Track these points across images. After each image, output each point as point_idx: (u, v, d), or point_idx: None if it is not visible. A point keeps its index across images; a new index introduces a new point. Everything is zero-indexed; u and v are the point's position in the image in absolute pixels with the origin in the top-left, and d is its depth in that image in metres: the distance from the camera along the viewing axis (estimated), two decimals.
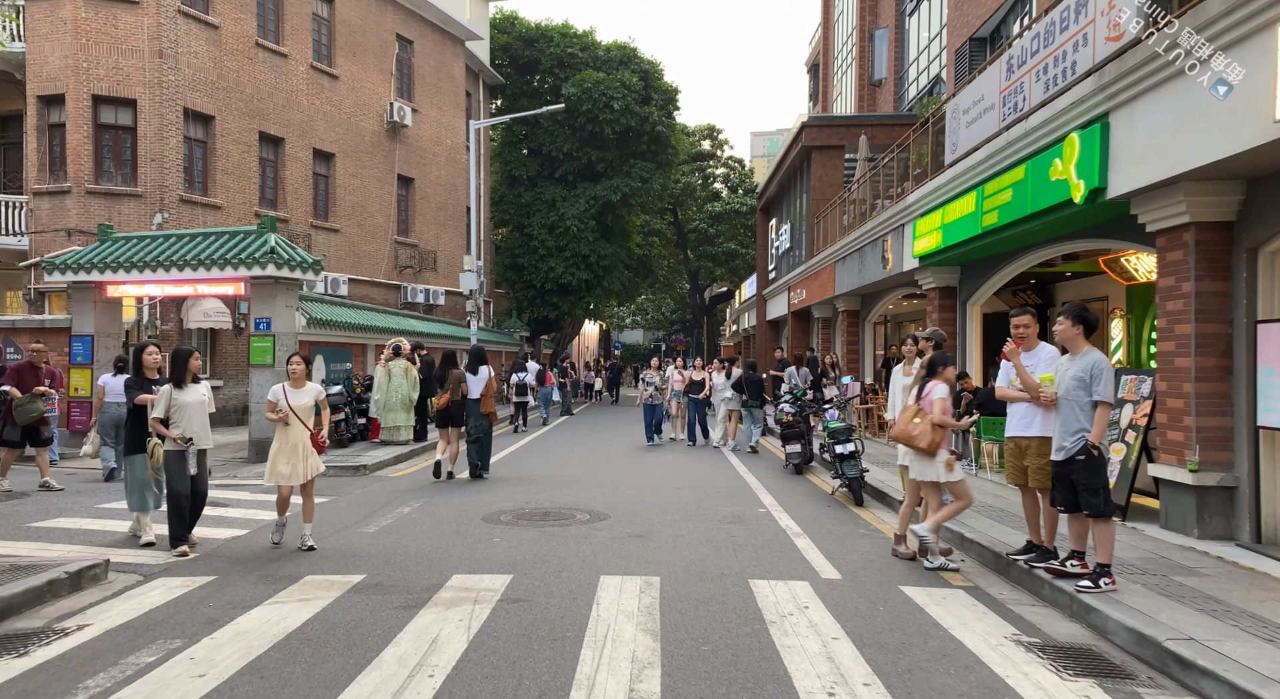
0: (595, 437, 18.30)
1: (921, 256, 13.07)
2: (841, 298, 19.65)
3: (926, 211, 12.78)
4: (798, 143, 23.66)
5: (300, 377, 7.49)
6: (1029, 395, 6.05)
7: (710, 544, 7.48)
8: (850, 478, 9.71)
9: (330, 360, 15.03)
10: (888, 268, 15.08)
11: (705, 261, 47.01)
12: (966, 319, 13.30)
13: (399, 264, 25.87)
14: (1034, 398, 5.99)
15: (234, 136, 20.02)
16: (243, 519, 8.55)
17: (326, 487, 10.79)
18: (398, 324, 18.67)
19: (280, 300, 13.05)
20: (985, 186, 10.32)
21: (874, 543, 7.70)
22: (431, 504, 9.51)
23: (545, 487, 10.97)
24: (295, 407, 7.32)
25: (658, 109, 32.90)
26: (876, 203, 17.27)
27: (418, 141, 26.95)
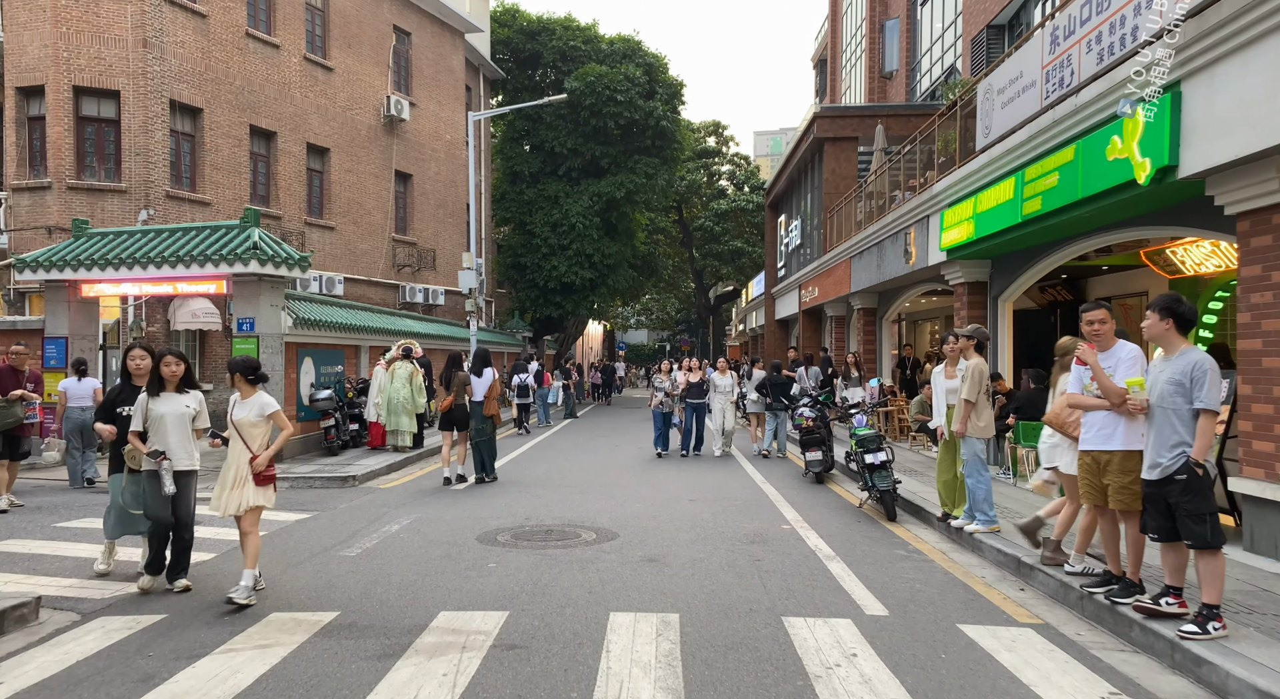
0: (601, 442, 17.46)
1: (950, 249, 12.20)
2: (858, 295, 18.78)
3: (955, 201, 11.91)
4: (809, 135, 22.79)
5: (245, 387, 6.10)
6: (1109, 402, 5.18)
7: (733, 570, 6.63)
8: (882, 490, 8.84)
9: (320, 363, 14.20)
10: (910, 262, 14.21)
11: (711, 260, 46.16)
12: (998, 316, 12.42)
13: (397, 263, 25.06)
14: (1117, 405, 5.12)
15: (223, 130, 19.21)
16: (212, 540, 7.71)
17: (310, 501, 9.95)
18: (393, 324, 17.84)
19: (264, 299, 12.23)
20: (1026, 171, 9.46)
21: (918, 568, 6.83)
22: (423, 521, 8.67)
23: (548, 498, 10.13)
24: (236, 421, 6.02)
25: (662, 103, 32.06)
26: (895, 195, 16.40)
27: (416, 136, 26.13)
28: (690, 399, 14.72)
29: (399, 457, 13.27)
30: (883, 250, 16.10)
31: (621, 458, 14.54)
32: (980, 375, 7.48)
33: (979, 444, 7.51)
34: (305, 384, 13.67)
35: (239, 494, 5.94)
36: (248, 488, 5.97)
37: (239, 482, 5.97)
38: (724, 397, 14.73)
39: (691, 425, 14.73)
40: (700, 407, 14.77)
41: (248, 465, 5.97)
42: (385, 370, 14.11)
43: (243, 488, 5.96)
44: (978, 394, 7.44)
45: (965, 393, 7.44)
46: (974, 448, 7.50)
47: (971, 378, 7.45)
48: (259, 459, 5.98)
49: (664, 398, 14.74)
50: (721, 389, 14.67)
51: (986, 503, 7.44)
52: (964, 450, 7.54)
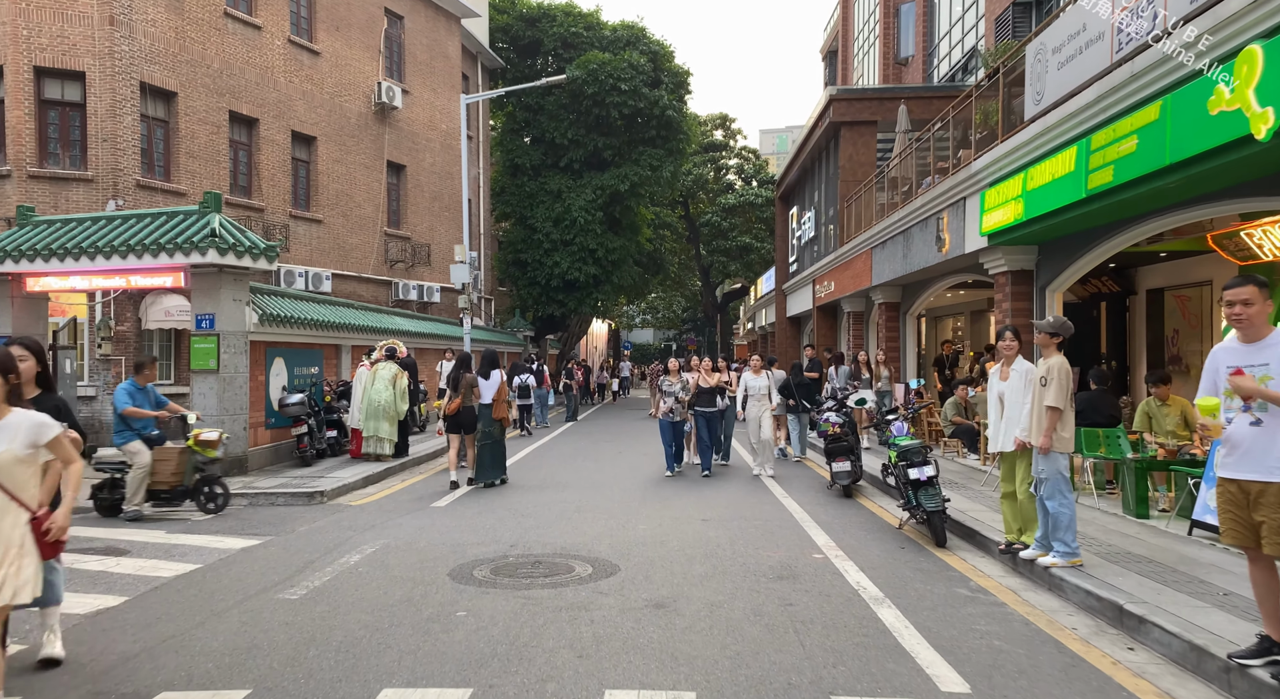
0: (604, 447, 16.16)
1: (992, 233, 10.87)
2: (879, 289, 17.45)
3: (999, 179, 10.58)
4: (824, 119, 21.46)
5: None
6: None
7: (761, 620, 5.33)
8: (929, 511, 7.53)
9: (294, 364, 12.94)
10: (944, 251, 12.87)
11: (718, 256, 44.84)
12: (1046, 309, 11.10)
13: (389, 258, 23.80)
14: None
15: (200, 116, 17.96)
16: (130, 580, 6.44)
17: (266, 522, 8.68)
18: (379, 322, 16.57)
19: (225, 293, 10.98)
20: (1093, 137, 8.13)
21: (990, 615, 5.52)
22: (390, 549, 7.38)
23: (540, 517, 8.84)
24: None
25: (668, 92, 30.75)
26: (924, 179, 15.06)
27: (409, 126, 24.87)
28: (701, 407, 12.24)
29: (378, 467, 11.99)
30: (909, 239, 14.77)
31: (624, 466, 13.24)
32: (1067, 377, 6.17)
33: (1062, 460, 6.20)
34: (276, 387, 12.41)
35: (8, 575, 3.63)
36: (26, 561, 3.68)
37: (9, 553, 3.66)
38: (759, 402, 12.16)
39: (707, 438, 12.30)
40: (713, 417, 12.32)
41: (23, 529, 3.71)
42: (369, 371, 12.84)
43: (19, 562, 3.66)
44: (1065, 400, 6.13)
45: (1051, 398, 6.13)
46: (1056, 464, 6.18)
47: (1057, 381, 6.14)
48: (52, 520, 3.83)
49: (674, 404, 12.14)
50: (757, 393, 12.17)
51: (1069, 531, 6.13)
52: (1042, 467, 6.22)
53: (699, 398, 12.20)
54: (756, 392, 12.15)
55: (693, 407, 12.28)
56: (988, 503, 9.01)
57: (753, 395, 12.14)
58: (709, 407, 12.26)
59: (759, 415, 12.08)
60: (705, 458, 12.33)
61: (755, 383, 12.24)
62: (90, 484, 9.01)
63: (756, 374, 12.29)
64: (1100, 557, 6.43)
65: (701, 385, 12.24)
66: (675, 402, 12.14)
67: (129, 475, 8.81)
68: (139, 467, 8.76)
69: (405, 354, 13.28)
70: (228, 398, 10.96)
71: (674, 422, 12.22)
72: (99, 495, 8.99)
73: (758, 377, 12.27)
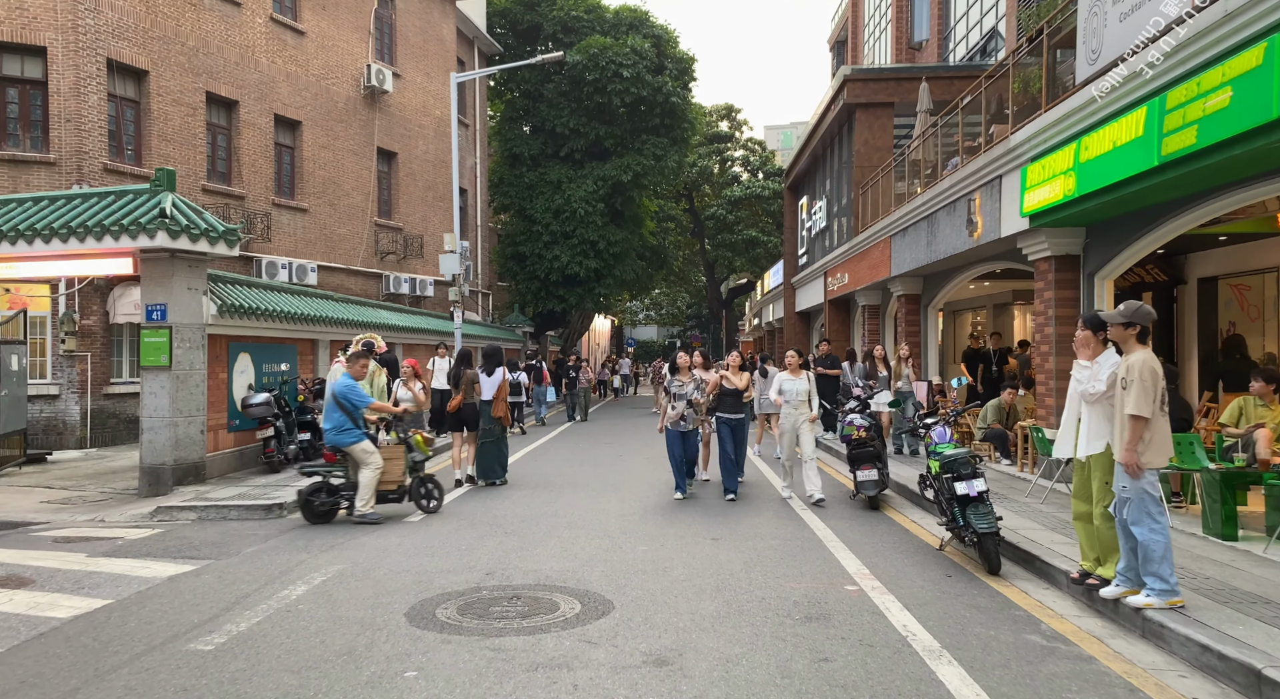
0: (603, 451, 15.01)
1: (1035, 214, 9.69)
2: (899, 280, 16.27)
3: (1044, 152, 9.41)
4: (838, 102, 20.27)
5: None
6: None
7: (790, 683, 4.18)
8: (981, 533, 6.36)
9: (263, 360, 11.82)
10: (975, 235, 11.70)
11: (723, 251, 43.68)
12: (1094, 298, 9.92)
13: (380, 250, 22.70)
14: None
15: (174, 96, 16.85)
16: (14, 622, 5.31)
17: (210, 541, 7.56)
18: (362, 315, 15.42)
19: (179, 281, 9.85)
20: (1168, 95, 6.96)
21: (1079, 675, 4.37)
22: (344, 578, 6.25)
23: (525, 534, 7.71)
24: None
25: (671, 79, 29.57)
26: (950, 161, 13.89)
27: (401, 111, 23.75)
28: (725, 413, 9.90)
29: None
30: (935, 224, 13.60)
31: (624, 471, 12.10)
32: (1153, 378, 5.02)
33: (1150, 476, 5.05)
34: (242, 386, 11.30)
35: None
36: None
37: None
38: (797, 409, 9.64)
39: (730, 452, 9.79)
40: (741, 424, 9.95)
41: None
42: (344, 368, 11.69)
43: None
44: (1153, 405, 4.97)
45: (1133, 405, 4.98)
46: (1143, 482, 5.03)
47: (1139, 383, 4.99)
48: None
49: (686, 411, 9.65)
50: (793, 398, 9.63)
51: (1164, 563, 4.97)
52: (1125, 486, 5.07)
53: (724, 402, 9.90)
54: (794, 396, 9.60)
55: (714, 412, 10.09)
56: (1040, 518, 7.86)
57: (789, 401, 9.63)
58: (735, 412, 9.90)
59: (796, 426, 9.63)
60: (730, 477, 9.85)
61: (792, 385, 9.65)
62: (293, 488, 8.99)
63: (794, 374, 9.75)
64: (1201, 594, 5.28)
65: (726, 386, 9.97)
66: (688, 407, 9.68)
67: (363, 477, 8.34)
68: (374, 467, 8.37)
69: (384, 349, 12.14)
70: (182, 398, 9.84)
71: (685, 432, 9.74)
72: (311, 501, 8.25)
73: (795, 378, 9.71)
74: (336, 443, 8.33)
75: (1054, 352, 10.22)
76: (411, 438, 8.86)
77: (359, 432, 8.40)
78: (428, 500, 8.82)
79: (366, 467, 8.33)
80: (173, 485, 9.63)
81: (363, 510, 8.29)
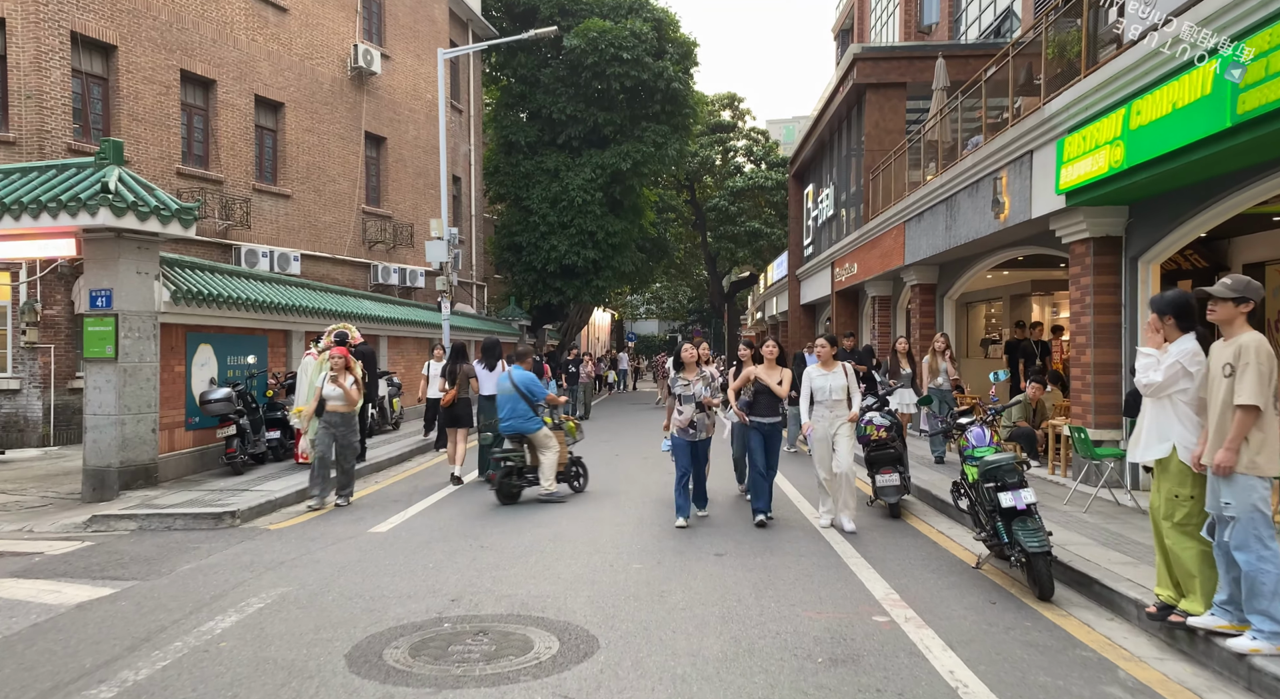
0: (598, 450, 14.07)
1: (1074, 190, 8.74)
2: (913, 268, 15.33)
3: (1087, 120, 8.45)
4: (847, 82, 19.30)
5: None
6: None
7: None
8: (1032, 553, 5.43)
9: (228, 352, 10.90)
10: (1002, 217, 10.75)
11: (725, 243, 42.65)
12: (1137, 284, 8.99)
13: (368, 239, 21.74)
14: None
15: (145, 74, 15.89)
16: None
17: (142, 557, 6.63)
18: (342, 305, 14.48)
19: (126, 263, 8.92)
20: (1245, 43, 6.00)
21: None
22: (284, 605, 5.33)
23: (503, 549, 6.79)
24: None
25: (673, 64, 28.55)
26: (971, 139, 12.94)
27: (390, 94, 22.77)
28: (759, 417, 7.94)
29: None
30: (955, 207, 12.65)
31: (620, 473, 11.17)
32: (1270, 362, 4.10)
33: (1261, 488, 4.12)
34: (203, 379, 10.37)
35: None
36: None
37: None
38: (833, 410, 7.67)
39: (762, 464, 7.80)
40: (775, 431, 8.03)
41: None
42: (315, 361, 10.78)
43: None
44: (1267, 396, 4.05)
45: (1248, 393, 4.06)
46: (1251, 495, 4.11)
47: (1254, 367, 4.09)
48: None
49: (696, 416, 7.78)
50: (826, 397, 7.67)
51: (1276, 598, 4.04)
52: (1230, 502, 4.14)
53: (758, 403, 7.95)
54: (827, 395, 7.65)
55: (749, 408, 7.99)
56: (1088, 530, 6.93)
57: (821, 400, 7.68)
58: (770, 415, 7.98)
59: (831, 433, 7.61)
60: (761, 495, 7.83)
61: (826, 381, 7.68)
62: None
63: (827, 368, 7.75)
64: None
65: (760, 382, 7.94)
66: (697, 410, 7.76)
67: (546, 459, 9.09)
68: (554, 450, 9.13)
69: (359, 341, 11.21)
70: (130, 393, 8.91)
71: (695, 441, 7.86)
72: (505, 483, 9.00)
73: (829, 371, 7.72)
74: (521, 430, 9.09)
75: (1091, 343, 9.27)
76: (565, 424, 9.78)
77: (539, 419, 9.16)
78: (577, 480, 9.65)
79: (549, 450, 9.12)
80: (120, 490, 8.71)
81: (550, 489, 9.01)
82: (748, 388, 8.09)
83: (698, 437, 7.88)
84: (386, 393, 15.61)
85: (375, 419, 15.03)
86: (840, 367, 7.81)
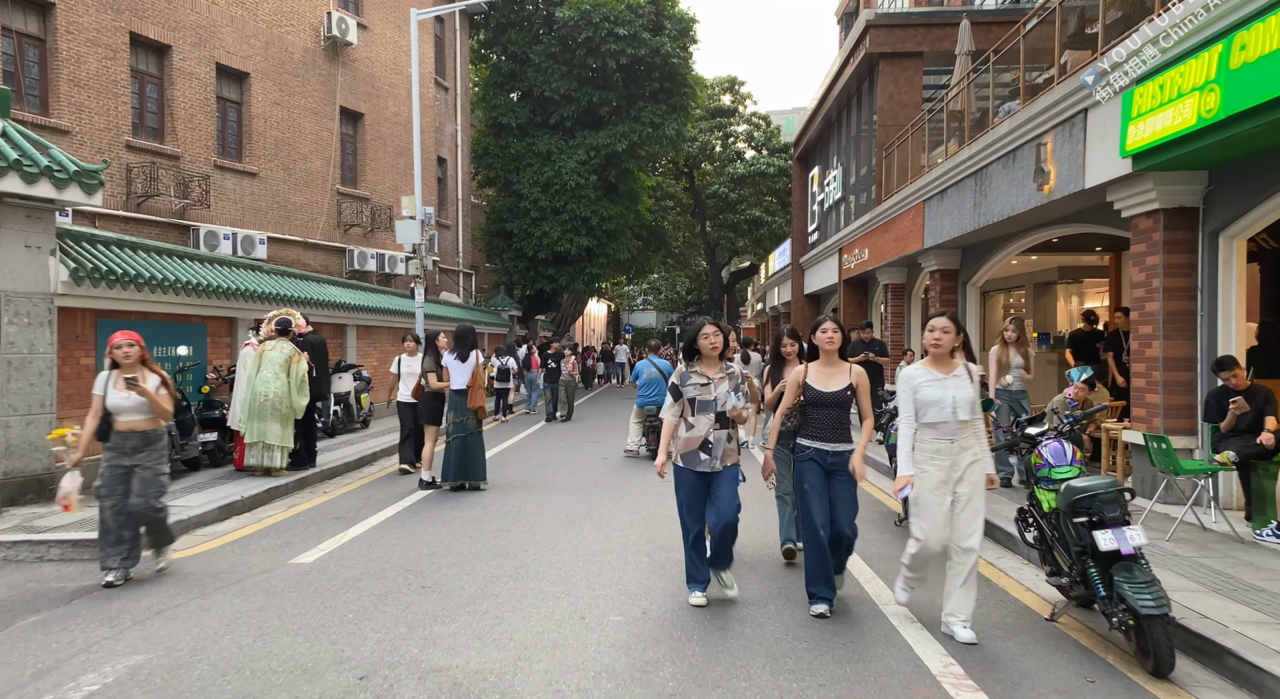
0: (583, 453, 12.68)
1: (1145, 151, 7.30)
2: (933, 252, 13.90)
3: (1167, 64, 7.01)
4: (858, 53, 17.83)
5: None
6: None
7: None
8: (1147, 614, 4.00)
9: (154, 343, 9.47)
10: (1047, 189, 9.32)
11: (725, 232, 41.24)
12: (1217, 262, 7.57)
13: (343, 222, 20.27)
14: None
15: (88, 35, 14.40)
16: None
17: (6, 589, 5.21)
18: (301, 291, 13.04)
19: (10, 236, 7.48)
20: None
21: None
22: (125, 688, 3.91)
23: (448, 592, 5.37)
24: None
25: (670, 40, 27.08)
26: (1005, 106, 11.50)
27: (368, 67, 21.28)
28: (817, 440, 5.15)
29: (258, 487, 8.53)
30: (985, 182, 11.21)
31: (606, 485, 9.76)
32: None
33: None
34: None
35: None
36: None
37: None
38: (955, 440, 4.69)
39: (824, 519, 5.03)
40: (840, 465, 5.09)
41: None
42: (255, 352, 9.36)
43: None
44: None
45: None
46: None
47: None
48: None
49: (712, 433, 5.08)
50: (948, 415, 4.67)
51: None
52: None
53: (815, 422, 5.15)
54: (950, 414, 4.66)
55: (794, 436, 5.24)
56: (1187, 569, 5.52)
57: (938, 422, 4.69)
58: (838, 440, 5.14)
59: (954, 479, 4.66)
60: (822, 573, 5.02)
61: (945, 392, 4.68)
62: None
63: (944, 369, 4.78)
64: None
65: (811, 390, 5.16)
66: (716, 425, 5.10)
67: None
68: None
69: (305, 329, 9.79)
70: (16, 390, 7.48)
71: (705, 472, 5.11)
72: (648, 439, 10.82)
73: (946, 375, 4.74)
74: (659, 403, 10.32)
75: (1160, 334, 7.85)
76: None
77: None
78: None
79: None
80: (1, 507, 7.29)
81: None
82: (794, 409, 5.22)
83: (713, 465, 5.05)
84: (353, 388, 14.22)
85: (339, 417, 13.64)
86: (962, 367, 4.75)
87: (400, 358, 10.48)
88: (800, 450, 5.20)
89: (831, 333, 5.20)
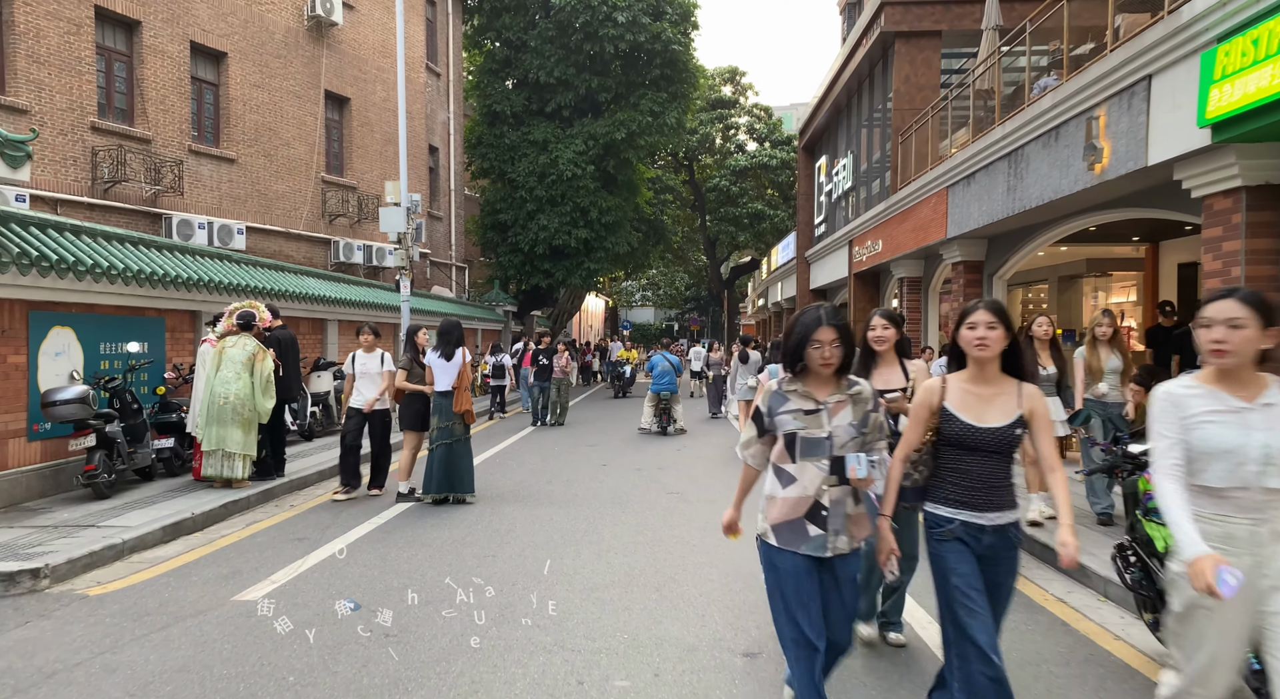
0: (581, 459, 11.70)
1: (1231, 118, 6.32)
2: (957, 242, 12.93)
3: (1261, 15, 6.03)
4: (872, 32, 16.84)
5: None
6: None
7: None
8: None
9: (100, 338, 8.46)
10: (1099, 168, 8.34)
11: (726, 226, 40.26)
12: None
13: (328, 212, 19.29)
14: None
15: (48, 8, 13.38)
16: None
17: None
18: (273, 281, 12.02)
19: None
20: None
21: None
22: None
23: (412, 644, 4.39)
24: None
25: (671, 25, 26.07)
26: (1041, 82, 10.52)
27: (355, 50, 20.27)
28: (972, 515, 3.11)
29: (214, 501, 7.54)
30: (1022, 163, 10.23)
31: (607, 499, 8.77)
32: None
33: None
34: (58, 374, 7.93)
35: None
36: None
37: None
38: (1262, 523, 2.68)
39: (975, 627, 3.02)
40: (1004, 540, 3.14)
41: None
42: (215, 350, 8.36)
43: None
44: None
45: None
46: None
47: None
48: None
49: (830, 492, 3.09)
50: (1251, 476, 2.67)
51: None
52: None
53: (953, 473, 3.18)
54: (1235, 464, 2.68)
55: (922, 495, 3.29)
56: None
57: (1213, 482, 2.71)
58: (994, 509, 3.12)
59: (1262, 587, 2.68)
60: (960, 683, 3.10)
61: (1227, 432, 2.68)
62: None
63: (1244, 392, 2.74)
64: None
65: (955, 422, 3.13)
66: (827, 478, 3.09)
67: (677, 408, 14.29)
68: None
69: (270, 323, 8.79)
70: None
71: (835, 557, 3.14)
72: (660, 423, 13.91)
73: (1250, 403, 2.71)
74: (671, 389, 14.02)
75: None
76: None
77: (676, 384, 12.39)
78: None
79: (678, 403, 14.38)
80: None
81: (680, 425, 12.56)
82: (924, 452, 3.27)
83: (831, 546, 3.11)
84: (333, 388, 13.22)
85: (317, 419, 12.64)
86: (1276, 389, 2.74)
87: (355, 354, 8.60)
88: (937, 523, 3.20)
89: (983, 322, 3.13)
